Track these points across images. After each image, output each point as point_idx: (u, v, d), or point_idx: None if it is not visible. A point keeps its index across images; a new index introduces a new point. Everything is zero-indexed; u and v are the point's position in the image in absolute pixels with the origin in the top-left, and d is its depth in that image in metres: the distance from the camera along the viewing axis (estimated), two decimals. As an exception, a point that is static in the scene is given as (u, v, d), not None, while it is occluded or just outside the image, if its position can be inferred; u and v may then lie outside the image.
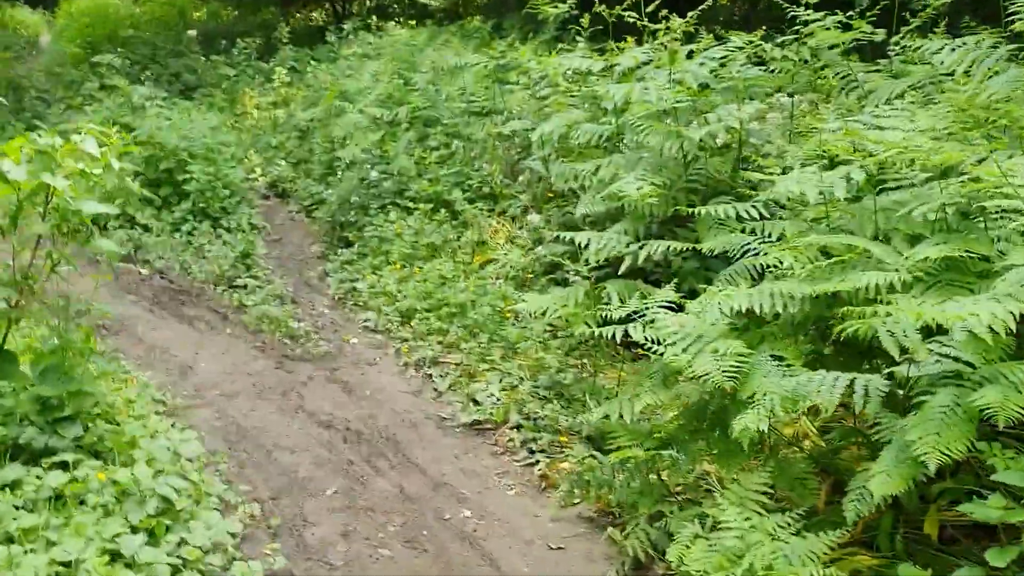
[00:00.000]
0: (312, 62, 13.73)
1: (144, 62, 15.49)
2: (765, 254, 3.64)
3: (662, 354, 3.46)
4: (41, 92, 12.50)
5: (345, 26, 14.59)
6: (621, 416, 3.80)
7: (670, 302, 3.84)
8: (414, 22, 14.16)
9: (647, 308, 3.88)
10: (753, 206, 4.17)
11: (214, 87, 14.27)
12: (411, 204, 7.72)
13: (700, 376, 3.20)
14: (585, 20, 7.90)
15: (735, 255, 4.06)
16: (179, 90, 14.95)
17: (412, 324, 6.09)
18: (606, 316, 4.09)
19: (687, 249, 4.59)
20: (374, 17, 14.56)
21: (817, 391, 2.94)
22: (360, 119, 8.74)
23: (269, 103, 12.86)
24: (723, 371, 3.15)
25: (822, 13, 5.73)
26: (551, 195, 6.95)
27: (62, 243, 3.63)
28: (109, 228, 8.49)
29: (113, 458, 3.68)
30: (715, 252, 4.16)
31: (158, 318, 6.46)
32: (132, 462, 3.66)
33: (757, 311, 3.39)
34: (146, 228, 8.37)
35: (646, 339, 3.72)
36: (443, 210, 7.41)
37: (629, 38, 7.03)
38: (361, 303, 6.73)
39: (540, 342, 5.26)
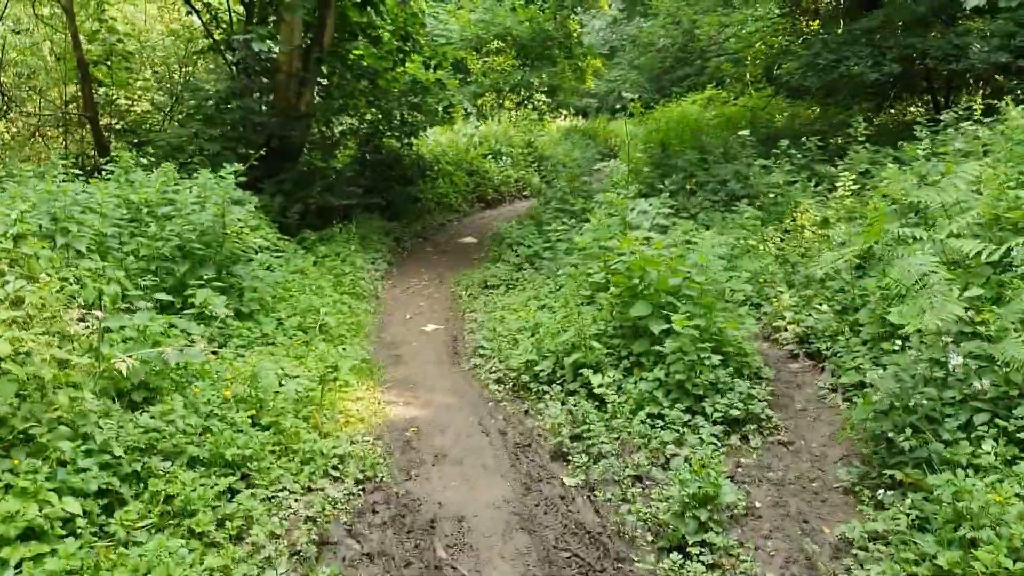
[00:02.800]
0: (891, 165, 10.18)
1: (692, 169, 13.59)
2: None
3: None
4: (562, 204, 11.24)
5: (942, 117, 10.79)
6: None
7: None
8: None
9: None
10: None
11: (760, 197, 11.59)
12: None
13: None
14: None
15: None
16: (724, 200, 12.64)
17: None
18: None
19: None
20: (980, 103, 10.47)
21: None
22: (932, 259, 5.14)
23: (824, 219, 9.71)
24: None
25: None
26: None
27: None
28: (551, 390, 6.26)
29: None
30: None
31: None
32: None
33: None
34: (600, 401, 5.91)
35: None
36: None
37: None
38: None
39: None
